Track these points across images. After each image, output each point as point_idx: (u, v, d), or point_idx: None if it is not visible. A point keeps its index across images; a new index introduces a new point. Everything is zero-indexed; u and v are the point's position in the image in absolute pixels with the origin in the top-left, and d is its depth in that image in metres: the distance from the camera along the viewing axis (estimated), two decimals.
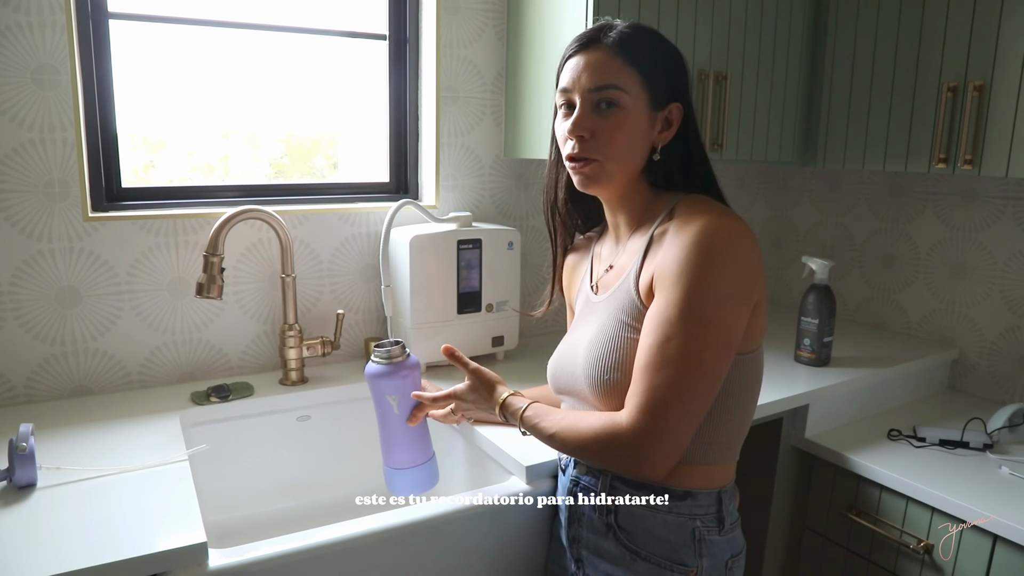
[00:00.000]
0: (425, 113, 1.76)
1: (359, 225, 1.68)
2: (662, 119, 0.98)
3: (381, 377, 1.17)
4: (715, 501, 1.00)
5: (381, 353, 1.18)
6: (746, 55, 1.73)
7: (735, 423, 1.00)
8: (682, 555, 0.98)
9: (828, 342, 1.72)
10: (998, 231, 1.81)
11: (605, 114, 0.95)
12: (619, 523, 1.01)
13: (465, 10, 1.71)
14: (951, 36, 1.58)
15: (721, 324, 0.88)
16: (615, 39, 0.95)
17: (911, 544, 1.39)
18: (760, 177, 2.35)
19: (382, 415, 1.20)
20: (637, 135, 0.96)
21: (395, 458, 1.21)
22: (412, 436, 1.21)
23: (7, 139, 1.32)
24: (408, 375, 1.19)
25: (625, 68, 0.94)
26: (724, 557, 1.00)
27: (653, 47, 0.97)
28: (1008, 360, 1.81)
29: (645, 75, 0.95)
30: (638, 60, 0.95)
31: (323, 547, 1.00)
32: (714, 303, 0.87)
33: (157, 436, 1.26)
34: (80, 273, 1.41)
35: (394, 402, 1.18)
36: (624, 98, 0.94)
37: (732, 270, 0.88)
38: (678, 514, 0.98)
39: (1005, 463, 1.45)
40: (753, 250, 0.91)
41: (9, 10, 1.28)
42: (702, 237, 0.88)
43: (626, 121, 0.95)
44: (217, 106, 1.66)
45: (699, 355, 0.87)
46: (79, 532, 0.95)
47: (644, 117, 0.96)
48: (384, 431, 1.21)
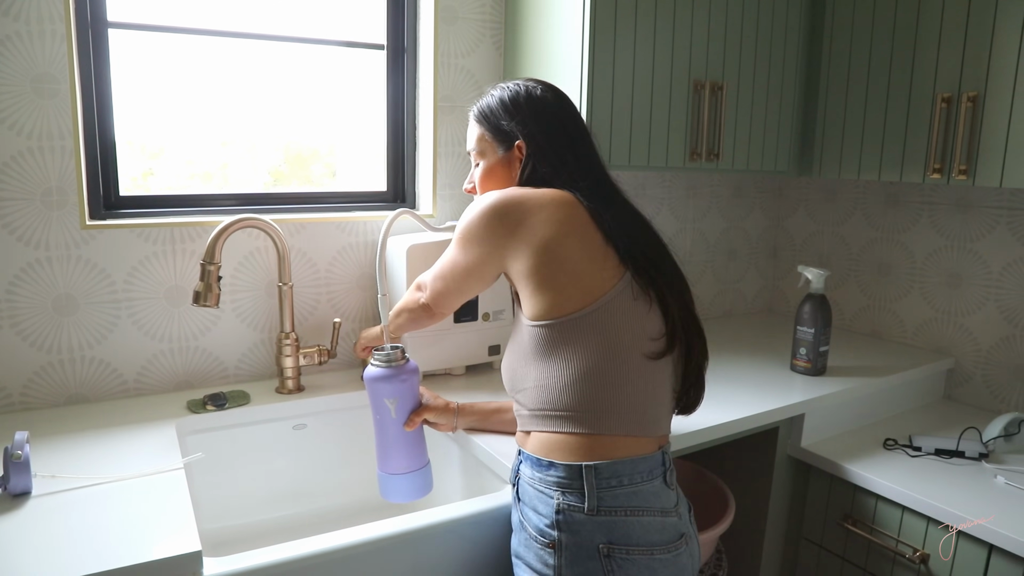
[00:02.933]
0: (422, 122, 1.77)
1: (356, 234, 1.68)
2: (516, 159, 1.16)
3: (380, 381, 1.17)
4: (576, 475, 1.00)
5: (381, 357, 1.18)
6: (742, 65, 1.74)
7: (576, 390, 1.02)
8: (544, 526, 1.01)
9: (824, 351, 1.72)
10: (993, 241, 1.82)
11: (476, 170, 1.22)
12: (519, 495, 1.08)
13: (462, 20, 1.72)
14: (945, 46, 1.59)
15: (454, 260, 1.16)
16: (475, 111, 1.21)
17: (907, 554, 1.39)
18: (756, 187, 2.36)
19: (379, 420, 1.20)
20: (499, 176, 1.18)
21: (390, 464, 1.20)
22: (409, 441, 1.20)
23: (6, 147, 1.32)
24: (408, 380, 1.19)
25: (478, 129, 1.20)
26: (595, 540, 0.98)
27: (492, 104, 1.18)
28: (1003, 369, 1.81)
29: (490, 129, 1.18)
30: (484, 120, 1.19)
31: (319, 556, 1.00)
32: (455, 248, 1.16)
33: (153, 444, 1.26)
34: (77, 281, 1.42)
35: (392, 406, 1.17)
36: (481, 154, 1.20)
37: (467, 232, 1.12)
38: (545, 485, 1.02)
39: (1001, 472, 1.45)
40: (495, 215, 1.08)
41: (9, 19, 1.29)
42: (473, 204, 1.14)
43: (485, 170, 1.20)
44: (216, 115, 1.66)
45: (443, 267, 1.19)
46: (74, 540, 0.95)
47: (497, 163, 1.18)
48: (380, 436, 1.21)
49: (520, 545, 1.05)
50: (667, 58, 1.61)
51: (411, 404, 1.20)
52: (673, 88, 1.63)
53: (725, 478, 1.59)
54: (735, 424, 1.42)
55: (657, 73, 1.60)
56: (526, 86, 1.17)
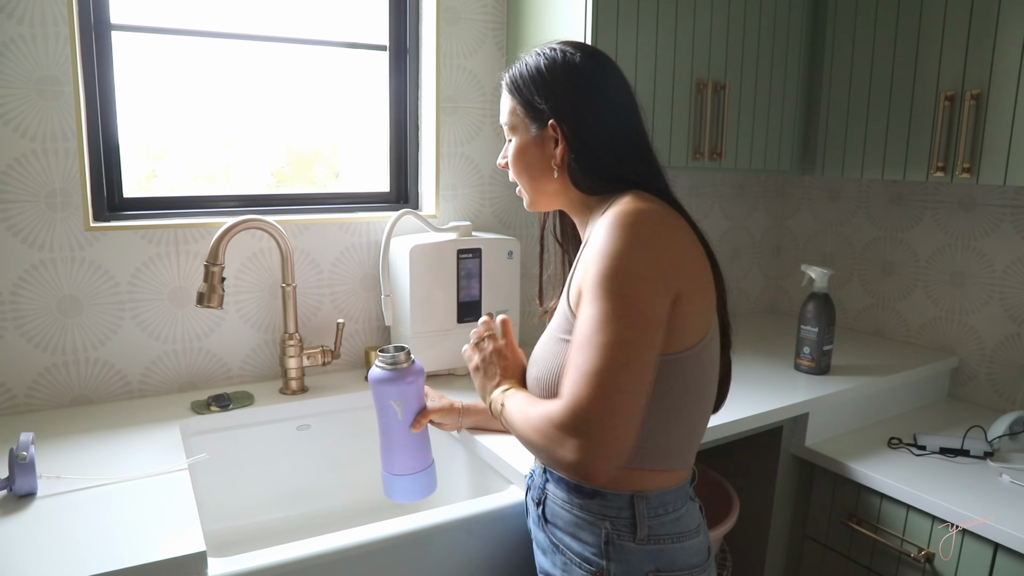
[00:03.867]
0: (425, 123, 1.77)
1: (359, 235, 1.68)
2: (551, 139, 1.01)
3: (386, 383, 1.17)
4: (627, 505, 0.95)
5: (386, 359, 1.17)
6: (744, 64, 1.74)
7: (664, 428, 0.95)
8: (590, 554, 0.97)
9: (828, 350, 1.72)
10: (997, 239, 1.82)
11: (509, 145, 1.07)
12: (546, 515, 1.03)
13: (465, 21, 1.73)
14: (948, 45, 1.59)
15: (633, 298, 0.85)
16: (507, 78, 1.06)
17: (912, 553, 1.39)
18: (759, 186, 2.36)
19: (384, 421, 1.19)
20: (532, 157, 1.04)
21: (395, 464, 1.20)
22: (414, 442, 1.20)
23: (10, 149, 1.32)
24: (413, 381, 1.18)
25: (511, 101, 1.05)
26: (644, 568, 0.95)
27: (527, 75, 1.03)
28: (1008, 368, 1.81)
29: (523, 104, 1.03)
30: (517, 91, 1.04)
31: (324, 556, 1.00)
32: (624, 280, 0.86)
33: (157, 445, 1.26)
34: (81, 282, 1.42)
35: (398, 408, 1.17)
36: (514, 129, 1.05)
37: (643, 252, 0.88)
38: (589, 512, 0.97)
39: (1006, 471, 1.45)
40: (672, 238, 0.90)
41: (13, 22, 1.29)
42: (611, 223, 0.89)
43: (516, 148, 1.05)
44: (219, 116, 1.67)
45: (611, 326, 0.84)
46: (79, 541, 0.95)
47: (530, 141, 1.03)
48: (385, 437, 1.20)
49: (556, 568, 1.00)
50: (669, 57, 1.61)
51: (417, 406, 1.20)
52: (675, 87, 1.63)
53: (729, 477, 1.59)
54: (739, 423, 1.42)
55: (659, 73, 1.60)
56: (563, 52, 1.02)
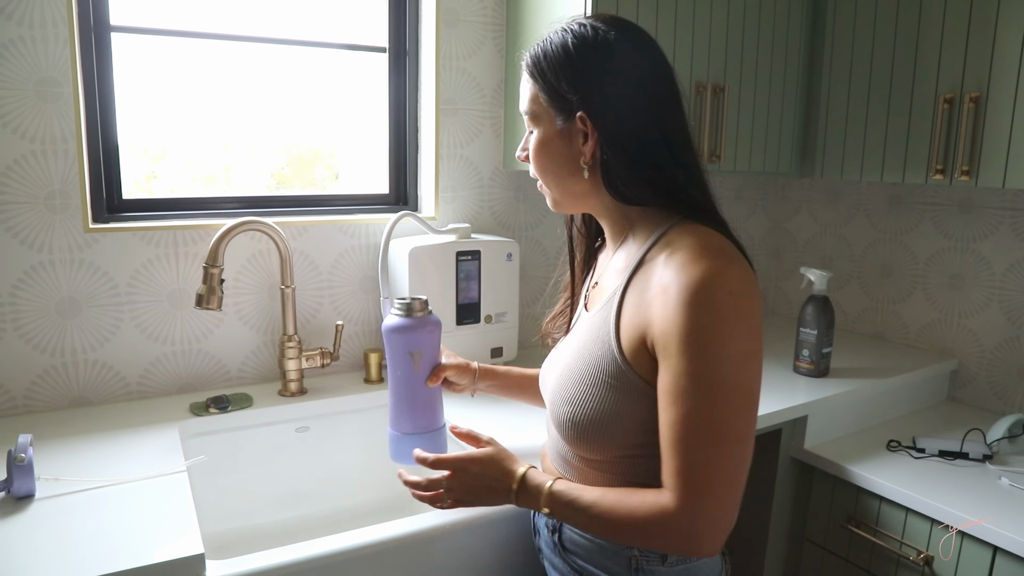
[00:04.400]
0: (424, 125, 1.77)
1: (358, 236, 1.68)
2: (579, 133, 0.89)
3: (402, 331, 1.10)
4: None
5: (401, 306, 1.11)
6: (743, 67, 1.74)
7: None
8: None
9: (827, 353, 1.72)
10: (996, 241, 1.82)
11: (530, 136, 0.94)
12: (563, 542, 1.00)
13: (464, 23, 1.73)
14: (947, 47, 1.59)
15: (740, 385, 0.81)
16: (527, 60, 0.92)
17: (911, 556, 1.39)
18: (758, 188, 2.36)
19: (398, 376, 1.12)
20: (556, 153, 0.91)
21: (406, 422, 1.13)
22: (428, 398, 1.13)
23: (9, 151, 1.32)
24: (432, 331, 1.12)
25: (534, 89, 0.91)
26: None
27: (552, 59, 0.89)
28: (1007, 370, 1.81)
29: (547, 92, 0.90)
30: (541, 77, 0.90)
31: (322, 558, 1.00)
32: (729, 365, 0.80)
33: (156, 447, 1.26)
34: (80, 284, 1.42)
35: (415, 359, 1.10)
36: (536, 120, 0.92)
37: (740, 327, 0.80)
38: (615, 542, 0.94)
39: (1005, 474, 1.45)
40: (756, 297, 0.83)
41: (12, 23, 1.29)
42: (702, 296, 0.79)
43: (538, 142, 0.92)
44: (218, 117, 1.67)
45: (726, 422, 0.80)
46: (77, 543, 0.95)
47: (555, 135, 0.91)
48: (397, 393, 1.13)
49: None
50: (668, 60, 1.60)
51: (434, 359, 1.14)
52: None
53: None
54: None
55: None
56: (595, 28, 0.88)
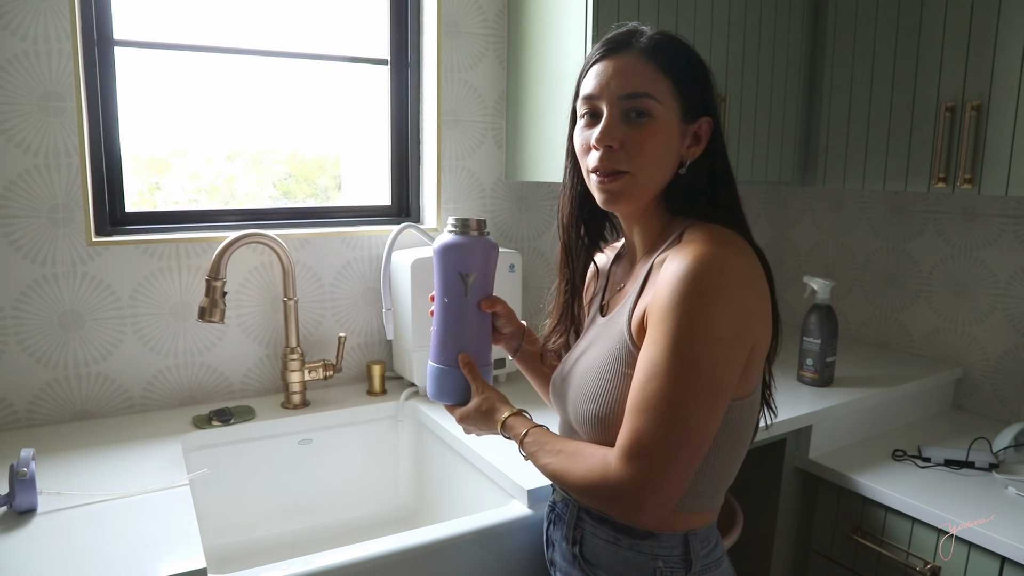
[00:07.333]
0: (426, 136, 1.77)
1: (361, 248, 1.68)
2: (691, 133, 0.90)
3: (457, 249, 0.98)
4: (680, 543, 0.93)
5: (457, 224, 0.99)
6: (745, 76, 1.74)
7: (715, 472, 0.92)
8: None
9: (831, 362, 1.71)
10: (999, 249, 1.81)
11: (635, 124, 0.87)
12: (584, 554, 0.98)
13: (465, 35, 1.73)
14: (948, 56, 1.59)
15: (706, 367, 0.80)
16: (648, 44, 0.88)
17: (917, 566, 1.38)
18: (761, 197, 2.36)
19: (446, 302, 1.00)
20: (669, 148, 0.89)
21: (450, 353, 1.01)
22: (479, 326, 1.02)
23: (13, 165, 1.33)
24: (490, 253, 1.00)
25: (658, 76, 0.87)
26: None
27: (687, 56, 0.90)
28: (1013, 378, 1.80)
29: (678, 84, 0.87)
30: (672, 68, 0.87)
31: (325, 572, 1.00)
32: (701, 344, 0.79)
33: (158, 460, 1.26)
34: (83, 297, 1.42)
35: (467, 281, 0.99)
36: (656, 108, 0.87)
37: (725, 311, 0.80)
38: (639, 552, 0.93)
39: (1011, 483, 1.44)
40: (752, 286, 0.83)
41: (16, 38, 1.30)
42: (692, 270, 0.80)
43: (658, 132, 0.87)
44: (222, 129, 1.68)
45: (681, 399, 0.80)
46: (79, 558, 0.95)
47: (675, 129, 0.88)
48: (444, 319, 1.01)
49: None
50: None
51: (487, 286, 1.01)
52: None
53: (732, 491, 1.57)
54: None
55: None
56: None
